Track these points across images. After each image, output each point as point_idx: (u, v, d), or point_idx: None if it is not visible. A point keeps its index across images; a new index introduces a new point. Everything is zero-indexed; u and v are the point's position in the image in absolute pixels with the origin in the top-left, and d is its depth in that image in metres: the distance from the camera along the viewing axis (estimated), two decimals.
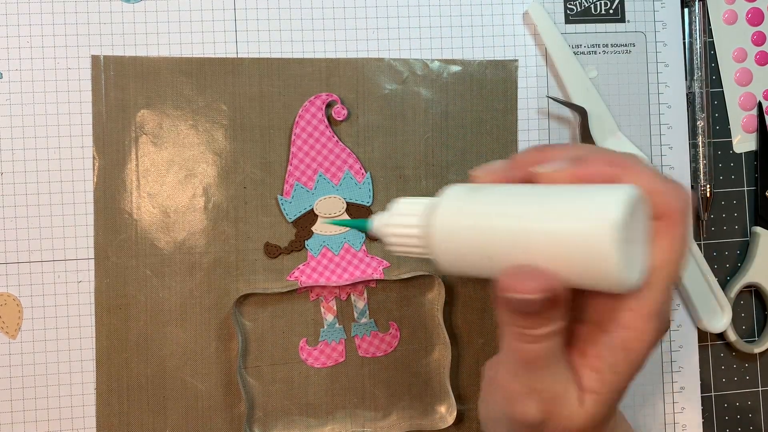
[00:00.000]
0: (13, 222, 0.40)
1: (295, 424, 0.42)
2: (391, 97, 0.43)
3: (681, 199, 0.25)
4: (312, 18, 0.42)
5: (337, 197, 0.42)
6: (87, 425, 0.41)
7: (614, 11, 0.45)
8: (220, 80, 0.42)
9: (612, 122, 0.43)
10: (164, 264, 0.41)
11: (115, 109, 0.41)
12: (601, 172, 0.25)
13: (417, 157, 0.43)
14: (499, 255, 0.25)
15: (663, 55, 0.45)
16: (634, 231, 0.24)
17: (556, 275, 0.24)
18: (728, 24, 0.46)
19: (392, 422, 0.43)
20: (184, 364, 0.41)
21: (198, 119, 0.41)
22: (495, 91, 0.44)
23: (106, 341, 0.41)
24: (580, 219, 0.23)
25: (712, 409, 0.45)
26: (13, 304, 0.40)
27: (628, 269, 0.23)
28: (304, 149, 0.42)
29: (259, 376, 0.42)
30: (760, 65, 0.46)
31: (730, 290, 0.45)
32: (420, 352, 0.43)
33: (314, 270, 0.42)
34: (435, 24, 0.43)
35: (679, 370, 0.44)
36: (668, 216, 0.25)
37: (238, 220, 0.42)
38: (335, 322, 0.42)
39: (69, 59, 0.41)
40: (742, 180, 0.46)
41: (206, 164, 0.42)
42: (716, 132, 0.46)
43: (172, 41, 0.42)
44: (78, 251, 0.41)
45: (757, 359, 0.46)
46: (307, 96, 0.42)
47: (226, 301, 0.41)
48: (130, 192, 0.41)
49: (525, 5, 0.44)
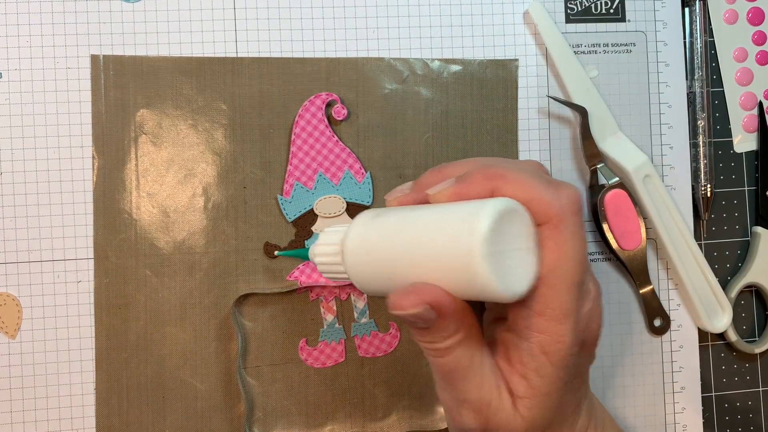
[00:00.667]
0: (13, 222, 0.40)
1: (295, 424, 0.42)
2: (391, 96, 0.43)
3: (559, 203, 0.25)
4: (312, 18, 0.42)
5: (337, 197, 0.42)
6: (86, 425, 0.41)
7: (615, 11, 0.45)
8: (220, 80, 0.42)
9: (612, 122, 0.43)
10: (164, 264, 0.41)
11: (114, 109, 0.41)
12: (481, 187, 0.26)
13: (417, 157, 0.43)
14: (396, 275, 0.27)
15: (663, 54, 0.45)
16: (510, 241, 0.25)
17: (438, 290, 0.25)
18: (729, 23, 0.46)
19: (392, 422, 0.43)
20: (184, 364, 0.41)
21: (198, 119, 0.41)
22: (495, 91, 0.43)
23: (105, 341, 0.41)
24: (451, 237, 0.24)
25: (712, 409, 0.45)
26: (12, 304, 0.40)
27: (505, 279, 0.24)
28: (304, 149, 0.42)
29: (259, 376, 0.42)
30: (760, 65, 0.46)
31: (731, 290, 0.45)
32: (420, 352, 0.43)
33: (314, 270, 0.42)
34: (435, 23, 0.43)
35: (679, 370, 0.44)
36: (549, 220, 0.26)
37: (238, 220, 0.42)
38: (335, 322, 0.42)
39: (68, 59, 0.41)
40: (743, 180, 0.46)
41: (206, 164, 0.42)
42: (717, 132, 0.46)
43: (172, 41, 0.41)
44: (77, 251, 0.41)
45: (757, 359, 0.46)
46: (307, 96, 0.42)
47: (226, 301, 0.41)
48: (130, 192, 0.41)
49: (525, 5, 0.44)
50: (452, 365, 0.27)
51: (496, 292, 0.24)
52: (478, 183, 0.26)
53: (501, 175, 0.26)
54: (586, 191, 0.44)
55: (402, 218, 0.27)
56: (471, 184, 0.27)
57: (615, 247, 0.42)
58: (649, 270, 0.43)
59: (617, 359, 0.44)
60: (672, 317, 0.44)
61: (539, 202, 0.25)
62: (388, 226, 0.27)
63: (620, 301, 0.44)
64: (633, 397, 0.44)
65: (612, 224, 0.42)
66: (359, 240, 0.28)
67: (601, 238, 0.43)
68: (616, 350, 0.44)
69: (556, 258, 0.26)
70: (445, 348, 0.27)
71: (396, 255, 0.27)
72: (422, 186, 0.29)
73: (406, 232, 0.26)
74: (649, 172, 0.43)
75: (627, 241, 0.43)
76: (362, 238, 0.28)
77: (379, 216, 0.28)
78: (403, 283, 0.26)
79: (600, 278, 0.44)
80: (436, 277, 0.25)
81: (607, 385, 0.44)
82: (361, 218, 0.29)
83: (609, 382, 0.44)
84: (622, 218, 0.42)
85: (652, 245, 0.44)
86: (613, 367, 0.44)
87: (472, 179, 0.27)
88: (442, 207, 0.26)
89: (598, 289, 0.30)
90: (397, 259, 0.26)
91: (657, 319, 0.44)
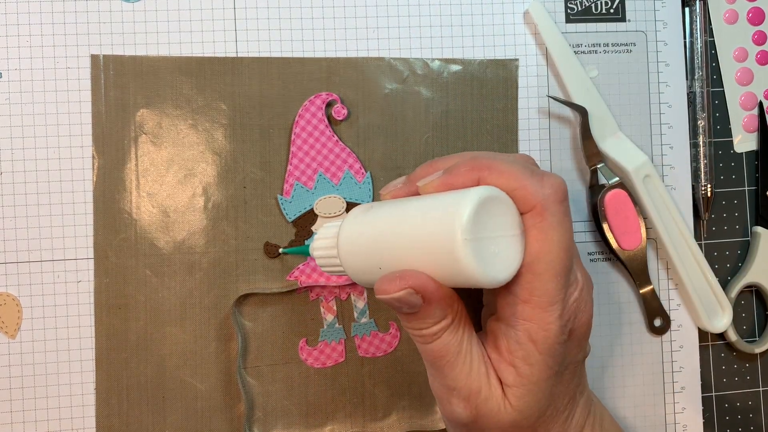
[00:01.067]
0: (13, 222, 0.40)
1: (295, 424, 0.42)
2: (392, 96, 0.43)
3: (543, 191, 0.26)
4: (312, 17, 0.42)
5: (337, 197, 0.42)
6: (86, 425, 0.41)
7: (615, 10, 0.45)
8: (220, 80, 0.42)
9: (612, 122, 0.43)
10: (164, 264, 0.41)
11: (114, 109, 0.41)
12: (466, 178, 0.27)
13: (417, 157, 0.43)
14: (385, 264, 0.28)
15: (664, 54, 0.45)
16: (493, 228, 0.25)
17: (422, 276, 0.26)
18: (729, 23, 0.46)
19: (392, 422, 0.43)
20: (184, 364, 0.41)
21: (198, 119, 0.41)
22: (495, 91, 0.43)
23: (105, 341, 0.41)
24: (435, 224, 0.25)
25: (712, 409, 0.45)
26: (12, 303, 0.40)
27: (487, 265, 0.25)
28: (304, 149, 0.42)
29: (259, 376, 0.42)
30: (760, 65, 0.46)
31: (731, 290, 0.45)
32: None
33: (314, 270, 0.42)
34: (435, 23, 0.43)
35: (679, 370, 0.44)
36: (533, 208, 0.26)
37: (238, 219, 0.42)
38: (335, 322, 0.42)
39: (68, 59, 0.41)
40: (743, 180, 0.46)
41: (206, 164, 0.41)
42: (717, 132, 0.46)
43: (172, 41, 0.41)
44: (77, 251, 0.41)
45: (757, 359, 0.46)
46: (307, 95, 0.42)
47: (226, 301, 0.41)
48: (130, 192, 0.41)
49: (525, 4, 0.44)
50: (440, 351, 0.28)
51: (478, 277, 0.25)
52: (464, 174, 0.27)
53: (487, 165, 0.27)
54: (586, 191, 0.44)
55: (391, 210, 0.28)
56: (457, 175, 0.27)
57: (615, 247, 0.42)
58: (649, 270, 0.43)
59: (617, 359, 0.44)
60: (672, 317, 0.44)
61: (523, 190, 0.26)
62: (378, 218, 0.28)
63: (620, 301, 0.44)
64: (633, 397, 0.44)
65: (612, 224, 0.42)
66: (351, 232, 0.29)
67: (601, 238, 0.43)
68: (617, 350, 0.44)
69: (541, 245, 0.26)
70: (431, 334, 0.27)
71: (384, 245, 0.27)
72: (415, 179, 0.30)
73: (393, 222, 0.27)
74: (649, 172, 0.43)
75: (627, 241, 0.43)
76: (354, 231, 0.29)
77: (371, 209, 0.29)
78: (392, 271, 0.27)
79: (600, 278, 0.44)
80: (421, 264, 0.26)
81: (607, 385, 0.44)
82: (354, 212, 0.30)
83: (609, 382, 0.44)
84: (622, 218, 0.42)
85: (652, 245, 0.44)
86: (613, 367, 0.44)
87: (459, 170, 0.27)
88: (429, 197, 0.27)
89: (588, 280, 0.30)
90: (386, 248, 0.27)
91: (657, 319, 0.44)
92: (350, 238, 0.30)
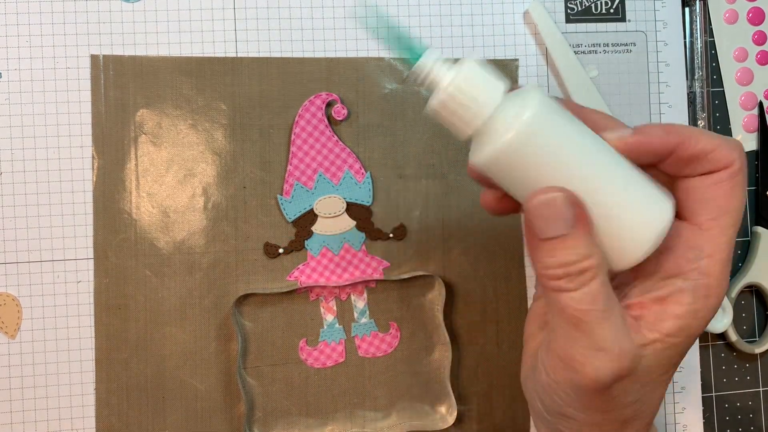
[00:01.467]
0: (13, 222, 0.40)
1: (295, 424, 0.42)
2: (392, 96, 0.43)
3: (738, 151, 0.28)
4: (312, 18, 0.42)
5: (337, 197, 0.42)
6: (86, 425, 0.41)
7: (615, 10, 0.45)
8: (220, 80, 0.42)
9: None
10: (164, 264, 0.41)
11: (114, 109, 0.41)
12: (663, 141, 0.28)
13: (417, 157, 0.43)
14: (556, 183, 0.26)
15: (664, 54, 0.45)
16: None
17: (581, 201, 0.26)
18: (729, 23, 0.46)
19: (392, 422, 0.43)
20: (184, 364, 0.41)
21: (197, 119, 0.41)
22: None
23: (105, 341, 0.41)
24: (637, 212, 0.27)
25: (712, 410, 0.45)
26: (12, 304, 0.40)
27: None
28: (304, 149, 0.42)
29: (259, 377, 0.42)
30: (760, 65, 0.46)
31: (731, 290, 0.45)
32: (420, 352, 0.43)
33: (314, 270, 0.42)
34: (435, 23, 0.43)
35: (679, 370, 0.44)
36: (729, 165, 0.27)
37: (237, 220, 0.42)
38: (335, 323, 0.42)
39: (68, 59, 0.41)
40: None
41: (206, 164, 0.41)
42: (717, 132, 0.46)
43: (172, 41, 0.41)
44: (77, 251, 0.41)
45: (757, 359, 0.46)
46: (307, 95, 0.42)
47: (226, 301, 0.41)
48: (130, 192, 0.41)
49: (525, 5, 0.44)
50: (588, 303, 0.26)
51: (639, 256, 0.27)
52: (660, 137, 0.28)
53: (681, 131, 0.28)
54: None
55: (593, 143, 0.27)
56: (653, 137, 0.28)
57: None
58: None
59: None
60: None
61: (721, 149, 0.27)
62: (576, 138, 0.27)
63: None
64: None
65: None
66: (546, 126, 0.26)
67: None
68: None
69: (730, 201, 0.28)
70: (578, 271, 0.26)
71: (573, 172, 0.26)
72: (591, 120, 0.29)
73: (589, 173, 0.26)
74: None
75: None
76: (550, 127, 0.26)
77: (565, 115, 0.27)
78: None
79: None
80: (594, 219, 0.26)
81: None
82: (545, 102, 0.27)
83: None
84: None
85: None
86: None
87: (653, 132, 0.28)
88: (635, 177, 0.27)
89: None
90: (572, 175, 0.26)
91: None
92: (538, 129, 0.26)
